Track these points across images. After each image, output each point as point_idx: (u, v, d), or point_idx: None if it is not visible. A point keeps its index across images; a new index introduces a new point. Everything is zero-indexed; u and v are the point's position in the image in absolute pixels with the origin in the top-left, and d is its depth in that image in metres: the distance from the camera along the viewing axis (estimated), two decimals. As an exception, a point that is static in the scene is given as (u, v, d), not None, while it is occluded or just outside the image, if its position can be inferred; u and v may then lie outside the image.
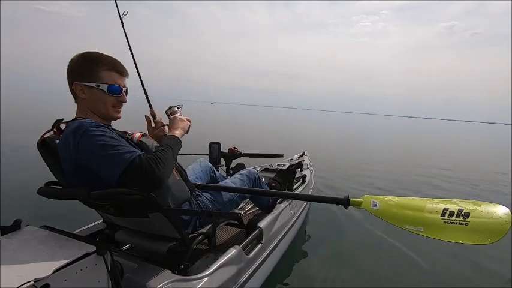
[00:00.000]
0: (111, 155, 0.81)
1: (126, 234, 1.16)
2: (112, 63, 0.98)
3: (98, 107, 0.97)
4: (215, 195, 1.29)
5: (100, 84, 0.95)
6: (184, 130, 1.10)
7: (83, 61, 0.95)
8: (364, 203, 1.04)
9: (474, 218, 0.84)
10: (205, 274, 1.01)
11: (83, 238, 0.84)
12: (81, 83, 0.93)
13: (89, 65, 0.94)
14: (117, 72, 0.99)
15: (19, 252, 0.75)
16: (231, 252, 1.16)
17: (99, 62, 0.95)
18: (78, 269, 0.72)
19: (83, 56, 0.95)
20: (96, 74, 0.94)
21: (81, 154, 0.83)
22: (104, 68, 0.96)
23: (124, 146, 0.84)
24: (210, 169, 1.63)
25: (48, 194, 0.93)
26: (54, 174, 0.97)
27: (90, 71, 0.94)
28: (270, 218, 1.55)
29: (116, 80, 0.98)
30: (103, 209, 1.01)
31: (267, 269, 1.48)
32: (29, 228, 0.87)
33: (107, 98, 0.97)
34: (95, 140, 0.82)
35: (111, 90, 0.96)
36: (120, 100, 1.00)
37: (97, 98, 0.96)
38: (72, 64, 0.95)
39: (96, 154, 0.82)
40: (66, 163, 0.88)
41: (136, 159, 0.81)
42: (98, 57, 0.96)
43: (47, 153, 0.93)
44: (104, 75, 0.95)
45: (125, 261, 1.01)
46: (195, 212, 1.12)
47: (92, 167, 0.84)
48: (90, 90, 0.95)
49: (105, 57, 0.97)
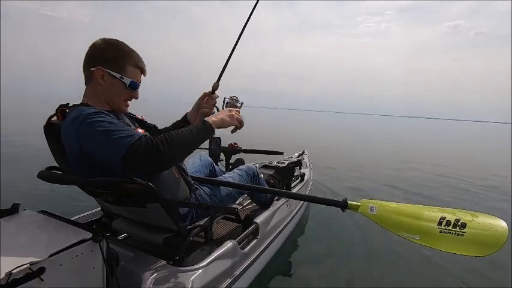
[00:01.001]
0: (111, 139, 0.78)
1: (123, 223, 1.17)
2: (139, 61, 1.00)
3: (112, 97, 0.97)
4: (213, 190, 1.29)
5: (124, 77, 0.96)
6: (223, 123, 0.99)
7: (115, 49, 0.95)
8: (361, 207, 1.05)
9: (470, 229, 0.84)
10: (199, 266, 1.02)
11: (80, 225, 0.85)
12: (105, 69, 0.93)
13: (120, 55, 0.95)
14: (141, 70, 1.02)
15: (16, 235, 0.75)
16: (227, 245, 1.17)
17: (129, 56, 0.97)
18: (74, 254, 0.73)
19: (114, 44, 0.96)
20: (123, 67, 0.96)
21: (81, 142, 0.82)
22: (132, 62, 0.97)
23: (124, 130, 0.80)
24: (210, 163, 1.63)
25: (48, 178, 0.94)
26: (56, 160, 0.97)
27: (119, 61, 0.95)
28: (267, 214, 1.56)
29: (138, 76, 1.01)
30: (102, 196, 1.02)
31: (261, 264, 1.50)
32: (26, 212, 0.88)
33: (125, 91, 0.98)
34: (94, 126, 0.80)
35: (132, 85, 0.98)
36: (133, 96, 1.02)
37: (115, 88, 0.96)
38: (99, 48, 0.94)
39: (96, 141, 0.80)
40: (69, 150, 0.88)
41: (137, 141, 0.77)
42: (129, 50, 0.98)
43: (52, 137, 0.93)
44: (129, 70, 0.97)
45: (120, 250, 1.03)
46: (193, 204, 1.12)
47: (93, 154, 0.83)
48: (112, 80, 0.95)
49: (134, 52, 0.99)
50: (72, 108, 0.90)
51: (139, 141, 0.77)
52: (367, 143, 11.31)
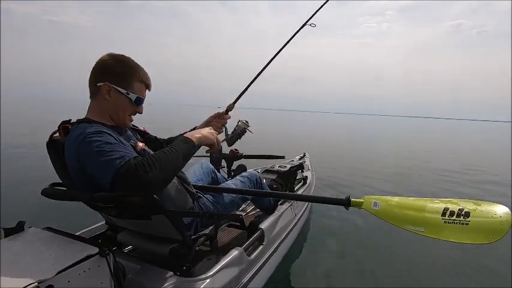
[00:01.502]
0: (103, 161, 0.79)
1: (129, 236, 1.17)
2: (145, 76, 1.01)
3: (117, 112, 0.98)
4: (216, 197, 1.29)
5: (130, 93, 0.97)
6: (205, 139, 1.01)
7: (122, 65, 0.96)
8: (365, 203, 1.05)
9: (474, 218, 0.84)
10: (207, 275, 1.01)
11: (85, 240, 0.85)
12: (112, 85, 0.94)
13: (126, 72, 0.96)
14: (146, 85, 1.03)
15: (22, 254, 0.75)
16: (233, 253, 1.16)
17: (136, 72, 0.98)
18: (81, 270, 0.73)
19: (121, 60, 0.97)
20: (130, 83, 0.97)
21: (81, 160, 0.84)
22: (138, 78, 0.98)
23: (117, 151, 0.81)
24: (212, 171, 1.64)
25: (51, 195, 0.94)
26: (59, 175, 0.98)
27: (125, 77, 0.96)
28: (272, 219, 1.56)
29: (143, 92, 1.02)
30: (106, 210, 1.02)
31: (269, 270, 1.49)
32: (32, 230, 0.88)
33: (130, 106, 0.99)
34: (91, 146, 0.81)
35: (137, 101, 0.99)
36: (137, 111, 1.03)
37: (121, 104, 0.97)
38: (107, 64, 0.95)
39: (92, 161, 0.82)
40: (72, 167, 0.89)
41: (126, 163, 0.77)
42: (136, 66, 0.99)
43: (54, 153, 0.94)
44: (135, 86, 0.98)
45: (127, 263, 1.02)
46: (196, 213, 1.12)
47: (89, 172, 0.84)
48: (118, 95, 0.95)
49: (141, 68, 1.00)
50: (75, 125, 0.91)
51: (129, 164, 0.77)
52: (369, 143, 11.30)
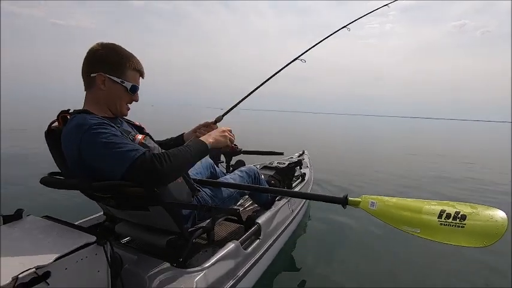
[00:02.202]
0: (115, 153, 0.80)
1: (126, 227, 1.18)
2: (138, 64, 1.00)
3: (113, 101, 0.97)
4: (215, 191, 1.30)
5: (125, 81, 0.96)
6: (217, 143, 1.05)
7: (115, 54, 0.94)
8: (362, 202, 1.05)
9: (470, 221, 0.84)
10: (203, 267, 1.02)
11: (83, 228, 0.85)
12: (105, 74, 0.93)
13: (120, 60, 0.95)
14: (140, 72, 1.02)
15: (21, 240, 0.76)
16: (229, 246, 1.17)
17: (129, 60, 0.97)
18: (79, 258, 0.73)
19: (113, 48, 0.95)
20: (124, 71, 0.96)
21: (83, 151, 0.83)
22: (131, 66, 0.97)
23: (127, 144, 0.83)
24: (210, 165, 1.64)
25: (50, 183, 0.94)
26: (57, 165, 0.98)
27: (119, 66, 0.95)
28: (269, 214, 1.57)
29: (137, 80, 1.01)
30: (104, 201, 1.02)
31: (264, 264, 1.50)
32: (30, 218, 0.88)
33: (126, 95, 0.99)
34: (98, 137, 0.81)
35: (133, 89, 0.99)
36: (133, 99, 1.02)
37: (116, 93, 0.96)
38: (99, 53, 0.93)
39: (99, 152, 0.82)
40: (69, 157, 0.89)
41: (140, 157, 0.80)
42: (128, 54, 0.97)
43: (53, 143, 0.93)
44: (130, 74, 0.97)
45: (124, 253, 1.03)
46: (194, 206, 1.13)
47: (94, 164, 0.84)
48: (113, 85, 0.95)
49: (133, 56, 0.99)
50: (73, 115, 0.90)
51: (144, 156, 0.80)
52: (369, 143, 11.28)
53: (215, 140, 1.04)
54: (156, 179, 0.81)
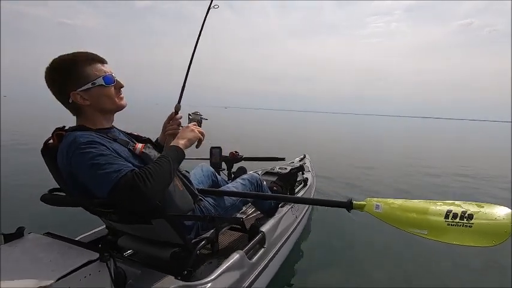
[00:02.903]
0: (98, 175, 0.78)
1: (129, 240, 1.16)
2: (89, 55, 0.91)
3: (104, 104, 0.93)
4: (217, 200, 1.28)
5: (95, 80, 0.89)
6: (191, 142, 1.01)
7: (64, 67, 0.87)
8: (367, 206, 1.04)
9: (478, 220, 0.83)
10: (208, 279, 1.00)
11: (85, 245, 0.84)
12: (77, 90, 0.87)
13: (72, 69, 0.87)
14: (99, 61, 0.93)
15: (22, 260, 0.75)
16: (234, 257, 1.15)
17: (79, 61, 0.88)
18: (82, 276, 0.72)
19: (59, 63, 0.87)
20: (84, 74, 0.88)
21: (73, 170, 0.83)
22: (86, 64, 0.89)
23: (112, 164, 0.79)
24: (212, 174, 1.63)
25: (51, 201, 0.93)
26: (56, 181, 0.97)
27: (76, 73, 0.87)
28: (272, 222, 1.55)
29: (103, 69, 0.92)
30: (106, 215, 1.01)
31: (270, 273, 1.48)
32: (31, 236, 0.87)
33: (108, 90, 0.92)
34: (84, 158, 0.80)
35: (107, 80, 0.91)
36: (118, 87, 0.96)
37: (100, 96, 0.91)
38: (53, 77, 0.88)
39: (85, 174, 0.81)
40: (64, 175, 0.88)
41: (122, 178, 0.76)
42: (74, 57, 0.88)
43: (49, 160, 0.92)
44: (91, 71, 0.89)
45: (127, 267, 1.01)
46: (197, 217, 1.12)
47: (84, 184, 0.84)
48: (90, 93, 0.89)
49: (79, 53, 0.90)
50: (68, 132, 0.89)
51: (126, 178, 0.76)
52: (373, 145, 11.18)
53: (187, 140, 0.99)
54: (141, 200, 0.76)
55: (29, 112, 18.60)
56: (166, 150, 0.95)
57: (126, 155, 0.90)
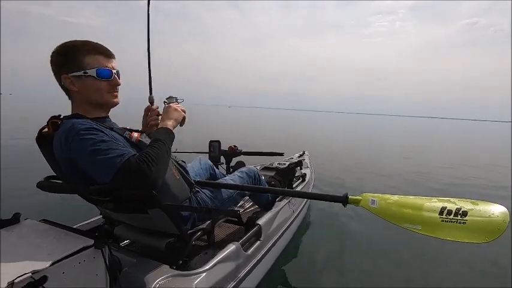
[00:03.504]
0: (101, 160, 0.78)
1: (125, 230, 1.17)
2: (95, 46, 0.92)
3: (92, 96, 0.92)
4: (214, 192, 1.29)
5: (87, 70, 0.88)
6: (177, 121, 1.03)
7: (64, 51, 0.89)
8: (362, 201, 1.04)
9: (472, 217, 0.84)
10: (203, 269, 1.01)
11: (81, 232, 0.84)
12: (68, 74, 0.88)
13: (71, 54, 0.88)
14: (103, 54, 0.92)
15: (17, 245, 0.75)
16: (230, 248, 1.16)
17: (80, 48, 0.89)
18: (76, 262, 0.72)
19: (62, 46, 0.89)
20: (81, 61, 0.88)
21: (73, 157, 0.83)
22: (87, 53, 0.89)
23: (114, 149, 0.80)
24: (210, 167, 1.63)
25: (47, 188, 0.94)
26: (52, 169, 0.97)
27: (73, 59, 0.88)
28: (269, 215, 1.56)
29: (104, 63, 0.92)
30: (102, 204, 1.01)
31: (266, 266, 1.49)
32: (28, 222, 0.88)
33: (99, 83, 0.91)
34: (85, 144, 0.80)
35: (101, 74, 0.90)
36: (113, 84, 0.94)
37: (89, 86, 0.90)
38: (52, 59, 0.90)
39: (87, 160, 0.81)
40: (62, 162, 0.88)
41: (126, 163, 0.77)
42: (78, 43, 0.90)
43: (45, 148, 0.93)
44: (89, 61, 0.89)
45: (123, 256, 1.02)
46: (194, 208, 1.12)
47: (84, 170, 0.84)
48: (80, 80, 0.89)
49: (86, 42, 0.91)
50: (64, 120, 0.89)
51: (129, 162, 0.77)
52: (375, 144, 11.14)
53: (174, 120, 1.01)
54: (144, 183, 0.78)
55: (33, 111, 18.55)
56: (156, 134, 0.94)
57: (123, 143, 0.90)
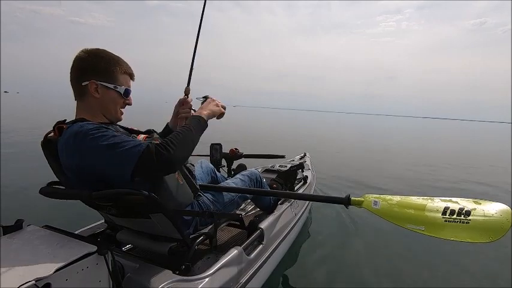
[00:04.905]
0: (119, 153, 0.79)
1: (128, 235, 1.17)
2: (127, 67, 1.00)
3: (108, 107, 0.97)
4: (216, 196, 1.29)
5: (118, 86, 0.96)
6: (213, 113, 1.07)
7: (104, 60, 0.94)
8: (365, 202, 1.04)
9: (475, 217, 0.83)
10: (206, 274, 1.00)
11: (84, 238, 0.84)
12: (98, 82, 0.92)
13: (109, 65, 0.94)
14: (130, 75, 1.02)
15: (21, 251, 0.75)
16: (232, 252, 1.15)
17: (118, 64, 0.96)
18: (80, 268, 0.72)
19: (101, 54, 0.94)
20: (115, 75, 0.95)
21: (84, 158, 0.82)
22: (121, 70, 0.97)
23: (129, 141, 0.82)
24: (211, 170, 1.63)
25: (50, 194, 0.94)
26: (56, 175, 0.97)
27: (110, 71, 0.94)
28: (271, 218, 1.55)
29: (129, 83, 1.01)
30: (105, 209, 1.02)
31: (268, 270, 1.48)
32: (30, 228, 0.88)
33: (119, 99, 0.99)
34: (98, 141, 0.80)
35: (126, 93, 0.99)
36: (127, 103, 1.02)
37: (111, 99, 0.96)
38: (87, 61, 0.92)
39: (103, 156, 0.80)
40: (67, 166, 0.88)
41: (145, 150, 0.79)
42: (117, 58, 0.97)
43: (49, 153, 0.93)
44: (120, 78, 0.97)
45: (126, 262, 1.02)
46: (196, 212, 1.12)
47: (97, 169, 0.83)
48: (106, 91, 0.94)
49: (121, 59, 0.99)
50: (70, 125, 0.89)
51: (149, 149, 0.80)
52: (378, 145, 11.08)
53: (210, 111, 1.06)
54: (166, 166, 0.82)
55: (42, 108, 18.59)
56: (188, 121, 1.00)
57: None
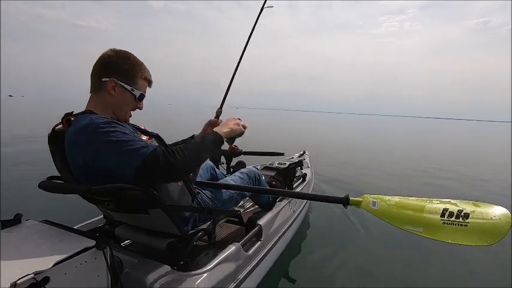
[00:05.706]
0: (127, 151, 0.79)
1: (126, 230, 1.17)
2: (148, 74, 1.03)
3: (120, 107, 0.99)
4: (215, 193, 1.29)
5: (135, 89, 0.99)
6: (232, 132, 1.08)
7: (128, 62, 0.97)
8: (363, 202, 1.04)
9: (473, 219, 0.83)
10: (204, 270, 1.01)
11: (83, 233, 0.85)
12: (118, 81, 0.95)
13: (132, 68, 0.97)
14: (149, 82, 1.05)
15: (19, 245, 0.75)
16: (230, 249, 1.16)
17: (141, 69, 1.00)
18: (78, 262, 0.73)
19: (127, 56, 0.98)
20: (135, 79, 0.99)
21: (91, 151, 0.82)
22: (142, 76, 1.00)
23: (138, 141, 0.83)
24: (211, 167, 1.63)
25: (49, 188, 0.94)
26: (57, 168, 0.97)
27: (132, 74, 0.97)
28: (270, 216, 1.56)
29: (145, 89, 1.04)
30: (103, 204, 1.02)
31: (266, 266, 1.49)
32: (29, 223, 0.88)
33: (133, 102, 1.01)
34: (106, 136, 0.80)
35: (140, 97, 1.02)
36: (138, 107, 1.04)
37: (125, 100, 0.98)
38: (113, 60, 0.95)
39: (109, 150, 0.81)
40: (73, 160, 0.88)
41: (153, 152, 0.79)
42: (140, 63, 1.00)
43: (55, 145, 0.92)
44: (139, 83, 1.00)
45: (124, 257, 1.02)
46: (195, 208, 1.12)
47: (102, 163, 0.83)
48: (123, 91, 0.97)
49: (144, 65, 1.02)
50: (78, 116, 0.90)
51: (155, 152, 0.79)
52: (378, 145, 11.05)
53: (230, 129, 1.07)
54: (170, 173, 0.82)
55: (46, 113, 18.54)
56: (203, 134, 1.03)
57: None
